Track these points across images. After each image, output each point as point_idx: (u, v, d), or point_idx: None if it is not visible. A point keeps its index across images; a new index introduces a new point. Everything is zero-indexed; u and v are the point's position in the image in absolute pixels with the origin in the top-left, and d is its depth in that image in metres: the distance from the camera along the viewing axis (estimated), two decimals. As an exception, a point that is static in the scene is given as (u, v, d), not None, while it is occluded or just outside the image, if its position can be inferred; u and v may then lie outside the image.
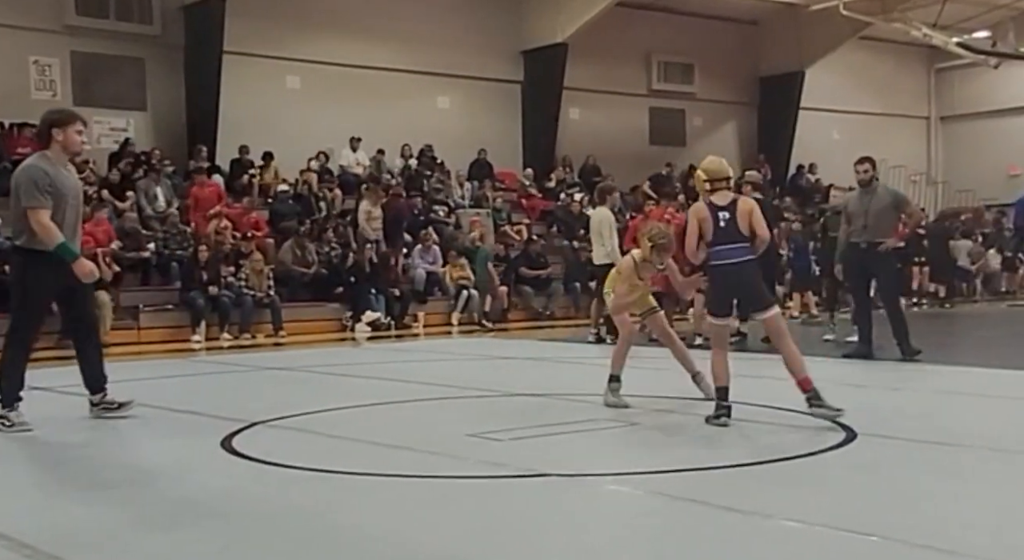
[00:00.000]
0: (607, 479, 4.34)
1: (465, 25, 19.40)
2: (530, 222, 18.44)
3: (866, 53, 24.01)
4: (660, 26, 21.57)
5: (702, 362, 9.19)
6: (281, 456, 4.87)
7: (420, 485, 4.35)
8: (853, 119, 24.77)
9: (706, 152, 23.75)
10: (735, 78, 23.03)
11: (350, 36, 18.16)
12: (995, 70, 22.37)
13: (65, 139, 5.90)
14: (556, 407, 6.58)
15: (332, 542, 3.49)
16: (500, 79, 20.03)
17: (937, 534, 3.40)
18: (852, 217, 8.88)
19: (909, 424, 5.54)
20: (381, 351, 11.97)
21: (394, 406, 6.70)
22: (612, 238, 10.85)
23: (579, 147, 20.62)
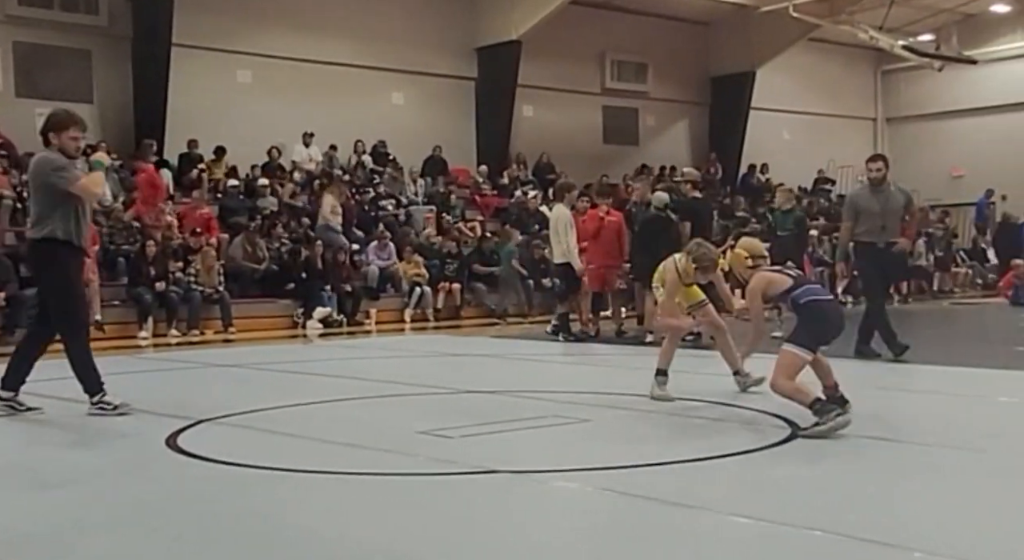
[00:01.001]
0: (556, 475, 4.36)
1: (419, 21, 19.33)
2: (484, 219, 18.45)
3: (815, 55, 24.39)
4: (613, 25, 21.69)
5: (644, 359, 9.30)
6: (228, 454, 4.82)
7: (370, 483, 4.33)
8: (802, 119, 25.16)
9: (659, 151, 24.25)
10: (687, 78, 23.25)
11: (303, 30, 18.00)
12: (939, 73, 22.88)
13: (60, 143, 5.94)
14: (508, 404, 6.58)
15: (279, 541, 3.47)
16: (454, 76, 20.00)
17: (881, 528, 3.47)
18: (864, 216, 8.56)
19: (854, 420, 5.63)
20: (332, 348, 11.89)
21: (345, 403, 6.66)
22: (569, 236, 10.89)
23: (533, 145, 20.67)
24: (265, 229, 14.95)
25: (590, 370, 8.99)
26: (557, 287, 11.32)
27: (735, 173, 23.37)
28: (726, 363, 6.72)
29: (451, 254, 16.02)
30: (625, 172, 20.71)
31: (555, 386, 7.34)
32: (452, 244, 16.24)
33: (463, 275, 15.95)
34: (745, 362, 6.54)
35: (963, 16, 23.70)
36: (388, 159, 18.64)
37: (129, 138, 16.10)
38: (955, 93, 24.85)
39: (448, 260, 15.89)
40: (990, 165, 24.39)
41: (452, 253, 16.06)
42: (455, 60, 19.90)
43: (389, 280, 15.38)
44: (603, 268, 11.38)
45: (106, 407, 5.90)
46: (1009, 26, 23.93)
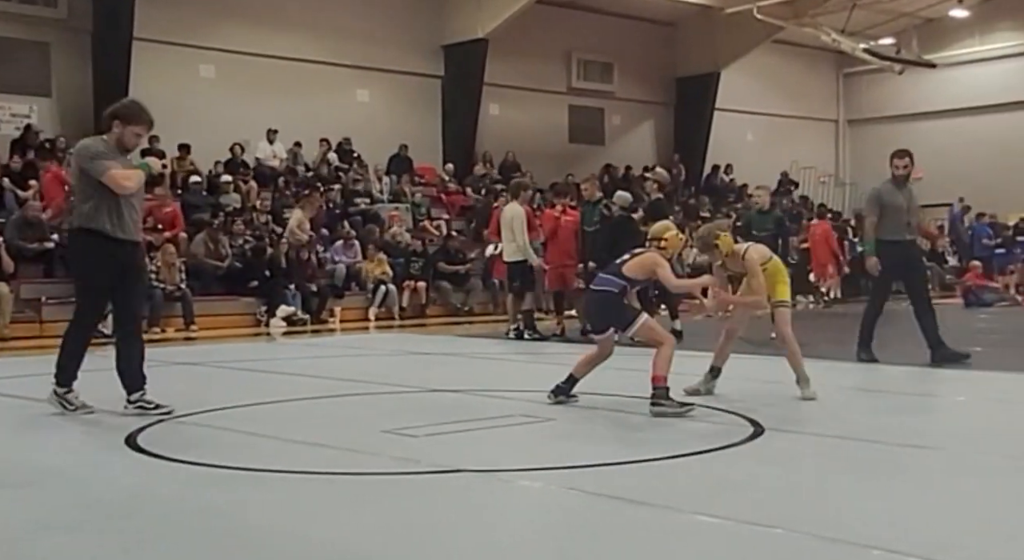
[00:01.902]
0: (520, 474, 4.36)
1: (385, 18, 19.25)
2: (449, 217, 18.42)
3: (778, 57, 24.64)
4: (580, 25, 21.76)
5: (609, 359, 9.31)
6: (188, 453, 4.76)
7: (332, 482, 4.30)
8: (766, 121, 25.42)
9: (624, 151, 24.39)
10: (653, 78, 23.38)
11: (268, 25, 17.85)
12: (899, 76, 23.23)
13: (121, 134, 5.80)
14: (473, 403, 6.57)
15: (239, 540, 3.43)
16: (420, 73, 19.94)
17: (842, 526, 3.50)
18: (888, 212, 8.27)
19: (816, 419, 5.70)
20: (296, 346, 11.81)
21: (308, 402, 6.61)
22: (523, 234, 10.87)
23: (499, 143, 20.67)
24: (228, 226, 14.80)
25: (555, 369, 8.95)
26: (514, 285, 11.23)
27: (699, 173, 23.55)
28: (715, 356, 6.54)
29: (416, 252, 15.97)
30: (592, 171, 20.77)
31: (520, 385, 7.34)
32: (417, 242, 16.19)
33: (428, 274, 15.92)
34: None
35: (923, 21, 24.08)
36: (353, 157, 18.54)
37: (89, 132, 15.52)
38: (915, 96, 25.24)
39: (413, 258, 15.84)
40: (949, 168, 24.76)
41: (417, 251, 16.01)
42: (421, 58, 19.84)
43: (354, 278, 15.30)
44: (561, 267, 11.38)
45: (67, 405, 5.80)
46: (967, 31, 24.34)
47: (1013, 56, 24.23)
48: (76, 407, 5.80)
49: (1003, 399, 6.59)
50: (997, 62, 24.43)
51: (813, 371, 6.36)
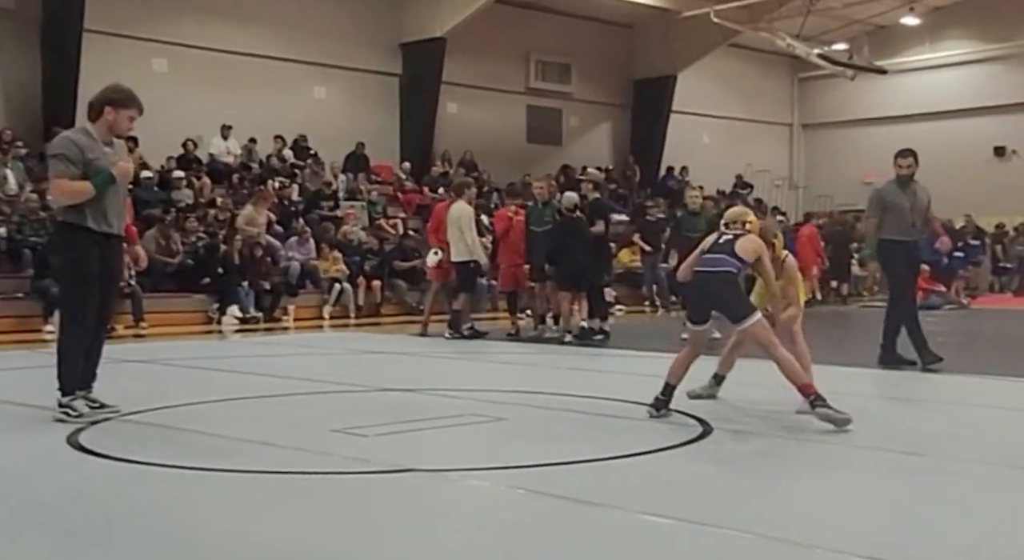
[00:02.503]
0: (469, 474, 4.35)
1: (343, 15, 19.13)
2: (406, 216, 18.34)
3: (735, 60, 24.89)
4: (538, 25, 21.79)
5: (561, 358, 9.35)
6: (133, 453, 4.69)
7: (279, 481, 4.25)
8: (721, 124, 25.67)
9: (582, 151, 24.44)
10: (610, 80, 23.49)
11: (222, 20, 17.64)
12: (852, 82, 23.57)
13: (114, 120, 5.65)
14: (424, 402, 6.55)
15: (179, 540, 3.38)
16: (378, 71, 19.84)
17: (786, 526, 3.54)
18: (892, 213, 8.08)
19: (763, 418, 5.76)
20: (248, 344, 11.68)
21: (258, 401, 6.54)
22: (471, 232, 10.84)
23: (457, 142, 20.64)
24: (180, 223, 14.60)
25: (507, 369, 9.01)
26: (458, 285, 11.18)
27: (655, 175, 23.70)
28: (720, 364, 6.26)
29: (371, 251, 15.88)
30: (548, 172, 20.82)
31: (472, 384, 7.33)
32: (373, 241, 16.10)
33: (384, 272, 15.83)
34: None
35: (875, 27, 24.47)
36: (309, 153, 18.39)
37: (37, 125, 15.54)
38: (867, 102, 25.64)
39: (368, 257, 15.74)
40: (899, 172, 25.21)
41: (373, 250, 15.92)
42: (379, 55, 19.74)
43: (309, 276, 15.17)
44: (513, 267, 11.38)
45: (70, 412, 5.49)
46: (918, 38, 24.79)
47: (962, 64, 24.73)
48: (81, 414, 5.47)
49: (952, 401, 6.71)
50: (947, 69, 24.91)
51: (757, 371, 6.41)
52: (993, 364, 8.24)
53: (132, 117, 5.71)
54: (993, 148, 24.19)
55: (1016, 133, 23.91)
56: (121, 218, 5.77)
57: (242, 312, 13.63)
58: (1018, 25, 23.45)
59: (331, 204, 17.23)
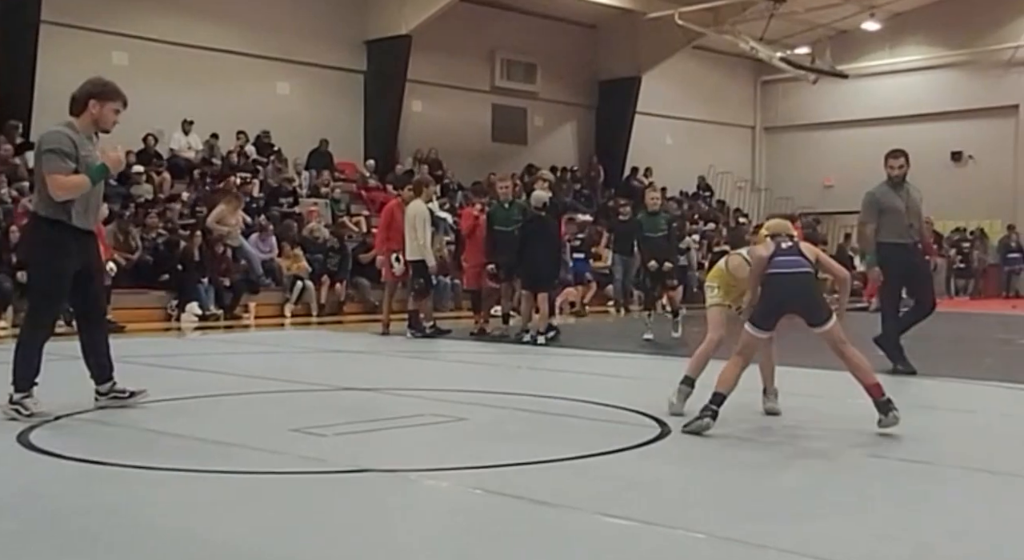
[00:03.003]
0: (427, 474, 4.34)
1: (307, 11, 18.99)
2: (369, 214, 18.25)
3: (698, 63, 25.06)
4: (504, 24, 21.79)
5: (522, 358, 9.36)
6: (83, 451, 4.62)
7: (233, 481, 4.21)
8: (685, 125, 25.83)
9: (547, 151, 24.43)
10: (575, 80, 23.54)
11: (185, 13, 17.42)
12: (813, 86, 23.84)
13: (100, 113, 5.63)
14: (385, 402, 6.53)
15: (130, 541, 3.33)
16: (343, 68, 19.72)
17: (740, 527, 3.57)
18: (888, 215, 7.92)
19: (723, 420, 5.78)
20: (207, 342, 11.57)
21: (215, 400, 6.47)
22: (425, 232, 10.81)
23: (422, 140, 20.57)
24: (139, 218, 14.41)
25: (468, 368, 9.00)
26: (417, 284, 11.15)
27: (619, 175, 23.80)
28: (761, 376, 5.97)
29: (334, 249, 15.78)
30: (513, 171, 20.83)
31: (433, 384, 7.33)
32: (335, 239, 16.00)
33: (347, 270, 15.75)
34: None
35: (836, 32, 24.77)
36: (272, 150, 18.23)
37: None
38: (828, 105, 25.94)
39: (331, 255, 15.65)
40: (859, 176, 25.46)
41: (335, 248, 15.82)
42: (344, 52, 19.62)
43: (270, 274, 15.05)
44: (478, 266, 11.38)
45: (21, 410, 5.41)
46: (878, 44, 25.13)
47: (921, 69, 25.10)
48: (32, 412, 5.40)
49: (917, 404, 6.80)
50: (906, 74, 25.28)
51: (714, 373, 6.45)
52: (951, 367, 8.37)
53: (117, 110, 5.69)
54: (951, 153, 24.58)
55: (973, 139, 24.33)
56: (98, 213, 5.78)
57: (202, 309, 13.50)
58: (975, 32, 23.86)
59: (291, 200, 17.09)
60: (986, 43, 23.85)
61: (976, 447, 5.21)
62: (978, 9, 23.62)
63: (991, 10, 23.52)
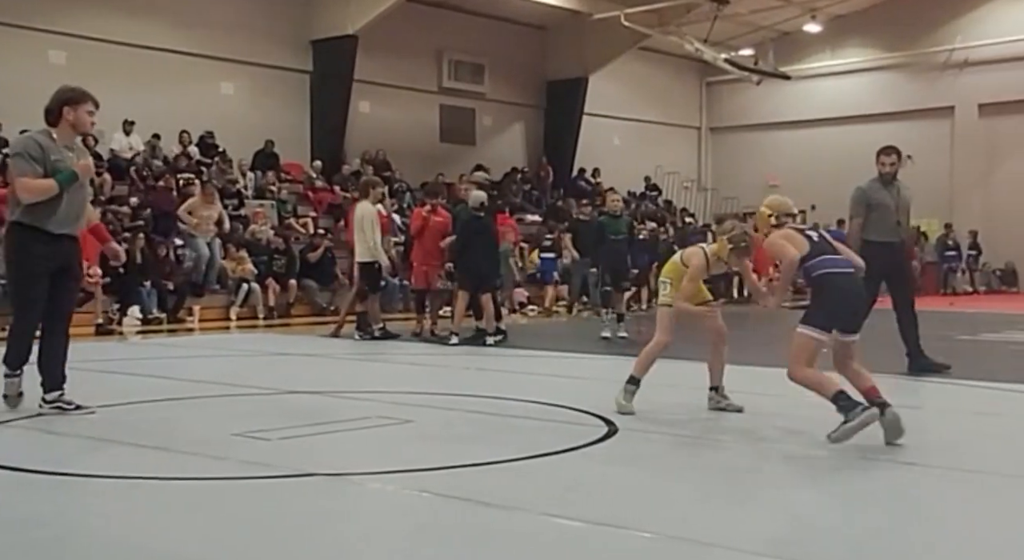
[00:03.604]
0: (373, 478, 4.30)
1: (251, 10, 18.75)
2: (316, 215, 18.08)
3: (645, 64, 25.27)
4: (451, 24, 21.74)
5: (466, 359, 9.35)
6: (22, 460, 4.49)
7: (173, 488, 4.13)
8: (632, 126, 26.02)
9: (495, 152, 24.47)
10: (524, 81, 23.58)
11: (124, 12, 17.09)
12: (757, 86, 24.18)
13: (75, 118, 5.81)
14: (330, 405, 6.47)
15: (65, 550, 3.25)
16: (288, 68, 19.52)
17: (687, 525, 3.60)
18: (876, 212, 7.78)
19: (671, 419, 5.84)
20: (150, 346, 11.35)
21: (156, 405, 6.35)
22: (375, 233, 10.74)
23: (369, 141, 20.43)
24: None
25: (416, 370, 8.96)
26: (362, 286, 11.08)
27: (567, 176, 23.89)
28: (709, 375, 5.99)
29: (280, 250, 15.59)
30: (462, 172, 20.79)
31: (380, 386, 7.27)
32: (280, 241, 15.81)
33: (294, 272, 15.57)
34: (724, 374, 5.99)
35: (779, 34, 25.16)
36: (216, 151, 17.97)
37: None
38: (772, 106, 26.34)
39: (276, 256, 15.46)
40: (802, 175, 25.97)
41: (281, 249, 15.63)
42: (289, 52, 19.42)
43: (216, 277, 14.82)
44: (426, 267, 11.34)
45: (66, 406, 5.78)
46: (820, 46, 25.58)
47: (861, 71, 25.61)
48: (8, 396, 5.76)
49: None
50: (847, 76, 25.76)
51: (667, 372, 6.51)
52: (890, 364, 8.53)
53: (90, 112, 5.88)
54: (890, 153, 25.09)
55: (910, 139, 24.72)
56: (81, 219, 5.89)
57: (143, 313, 13.25)
58: (913, 35, 24.40)
59: (236, 202, 16.86)
60: (923, 46, 24.41)
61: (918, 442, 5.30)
62: (915, 13, 24.16)
63: (927, 14, 24.08)
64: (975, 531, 3.59)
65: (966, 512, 3.86)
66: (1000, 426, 5.94)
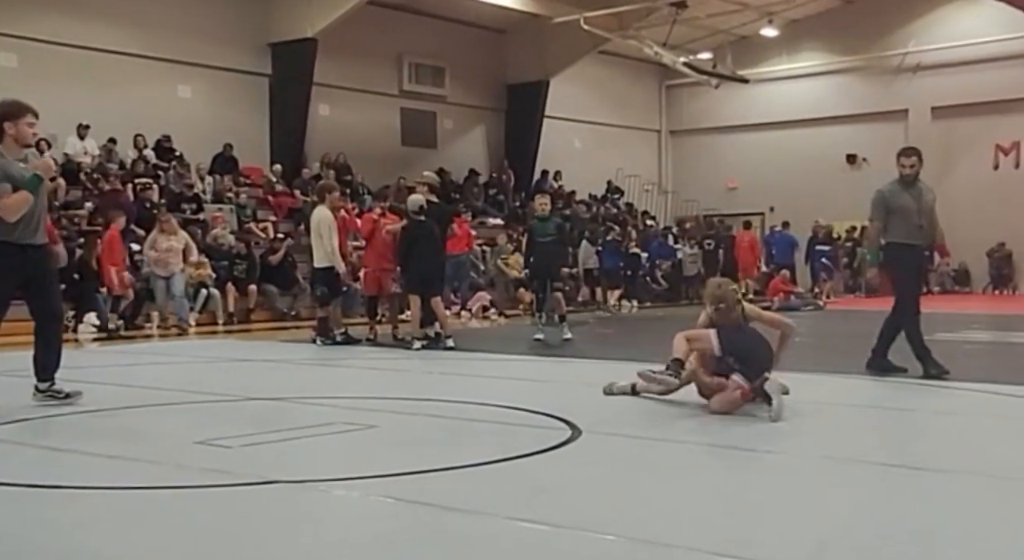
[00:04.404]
0: (337, 484, 4.27)
1: (208, 13, 18.56)
2: (276, 220, 17.94)
3: (605, 67, 25.41)
4: (411, 28, 21.70)
5: (428, 364, 9.32)
6: (-26, 473, 4.41)
7: (133, 497, 4.07)
8: (593, 129, 26.15)
9: (457, 155, 24.40)
10: (484, 84, 23.59)
11: (77, 13, 16.84)
12: (716, 90, 24.42)
13: (17, 132, 5.95)
14: (293, 411, 6.42)
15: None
16: (246, 71, 19.35)
17: (650, 527, 3.61)
18: (898, 215, 7.65)
19: (633, 421, 5.87)
20: (107, 354, 11.18)
21: (114, 413, 6.25)
22: (332, 239, 10.68)
23: (329, 144, 20.32)
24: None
25: (379, 375, 8.92)
26: (320, 291, 11.00)
27: (529, 179, 23.94)
28: None
29: (240, 255, 15.45)
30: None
31: (343, 392, 7.23)
32: (241, 245, 15.67)
33: (254, 277, 15.44)
34: None
35: (737, 38, 25.43)
36: (173, 155, 17.76)
37: None
38: (730, 109, 26.62)
39: (237, 261, 15.32)
40: (761, 177, 26.31)
41: (241, 254, 15.49)
42: (247, 55, 19.25)
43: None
44: (378, 272, 11.28)
45: (57, 394, 6.24)
46: (777, 50, 25.89)
47: (817, 74, 25.97)
48: None
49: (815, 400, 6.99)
50: (804, 80, 26.11)
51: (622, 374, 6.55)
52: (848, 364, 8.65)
53: (31, 124, 6.00)
54: (846, 155, 25.48)
55: (865, 141, 25.26)
56: (41, 228, 6.08)
57: (100, 320, 13.05)
58: (867, 39, 24.80)
59: (194, 207, 16.68)
60: (877, 50, 24.82)
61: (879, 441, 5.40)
62: (869, 18, 24.56)
63: (881, 19, 24.49)
64: (932, 527, 3.65)
65: (915, 509, 3.93)
66: (955, 425, 6.06)
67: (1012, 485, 4.29)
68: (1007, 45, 22.77)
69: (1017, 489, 4.24)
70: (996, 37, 22.81)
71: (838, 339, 12.56)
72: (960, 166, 24.23)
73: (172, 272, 13.63)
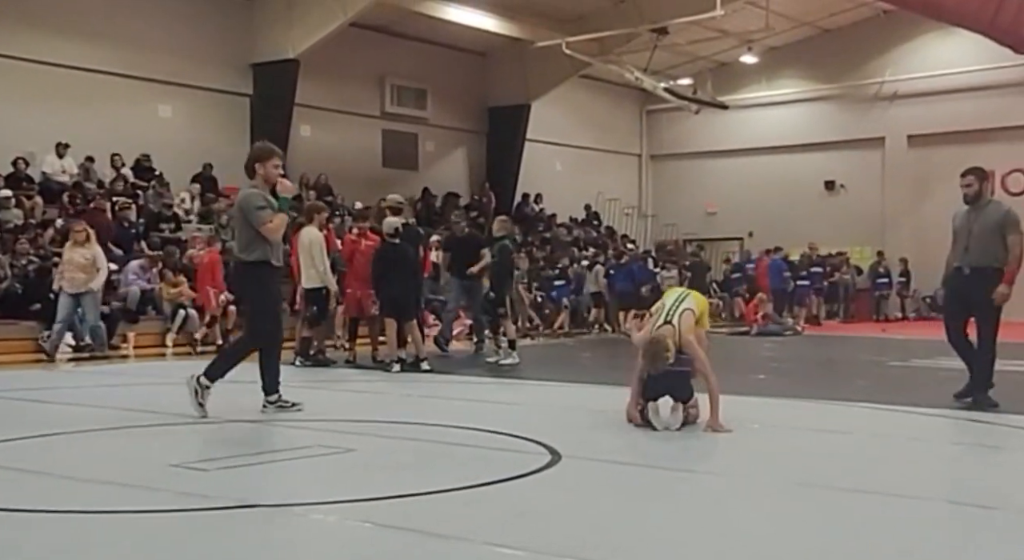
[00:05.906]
0: (315, 508, 4.23)
1: (190, 32, 18.53)
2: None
3: (586, 91, 25.57)
4: (393, 50, 21.76)
5: (409, 386, 9.28)
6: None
7: (104, 521, 4.01)
8: (574, 153, 26.28)
9: (438, 177, 24.36)
10: (466, 106, 23.68)
11: (56, 32, 16.76)
12: (696, 115, 24.62)
13: (265, 173, 6.89)
14: (271, 433, 6.37)
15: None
16: (228, 91, 19.30)
17: (629, 552, 3.60)
18: (955, 237, 7.66)
19: (612, 446, 5.86)
20: (83, 374, 11.05)
21: (90, 435, 6.18)
22: (323, 260, 10.64)
23: (311, 165, 20.27)
24: (8, 245, 13.71)
25: (358, 397, 8.87)
26: (310, 312, 10.94)
27: (510, 202, 23.99)
28: None
29: (220, 275, 15.33)
30: (410, 195, 20.75)
31: (322, 414, 7.17)
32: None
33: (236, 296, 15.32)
34: None
35: (717, 64, 25.68)
36: (153, 174, 17.67)
37: None
38: (710, 135, 26.83)
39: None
40: (739, 203, 26.50)
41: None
42: (229, 75, 19.22)
43: (151, 302, 14.51)
44: (359, 293, 11.24)
45: (285, 404, 7.04)
46: (756, 76, 26.15)
47: (796, 101, 26.24)
48: None
49: (791, 425, 7.02)
50: (782, 106, 26.37)
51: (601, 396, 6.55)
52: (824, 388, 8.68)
53: (276, 165, 6.87)
54: (824, 182, 25.73)
55: (843, 168, 25.55)
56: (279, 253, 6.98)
57: (76, 340, 12.90)
58: (845, 67, 25.10)
59: (173, 226, 16.59)
60: (855, 78, 25.13)
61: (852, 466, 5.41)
62: (847, 46, 24.88)
63: (859, 47, 24.81)
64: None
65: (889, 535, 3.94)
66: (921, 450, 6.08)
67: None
68: (983, 75, 23.11)
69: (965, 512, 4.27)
70: (972, 67, 23.15)
71: (814, 365, 12.62)
72: (936, 194, 24.45)
73: (86, 289, 12.17)
